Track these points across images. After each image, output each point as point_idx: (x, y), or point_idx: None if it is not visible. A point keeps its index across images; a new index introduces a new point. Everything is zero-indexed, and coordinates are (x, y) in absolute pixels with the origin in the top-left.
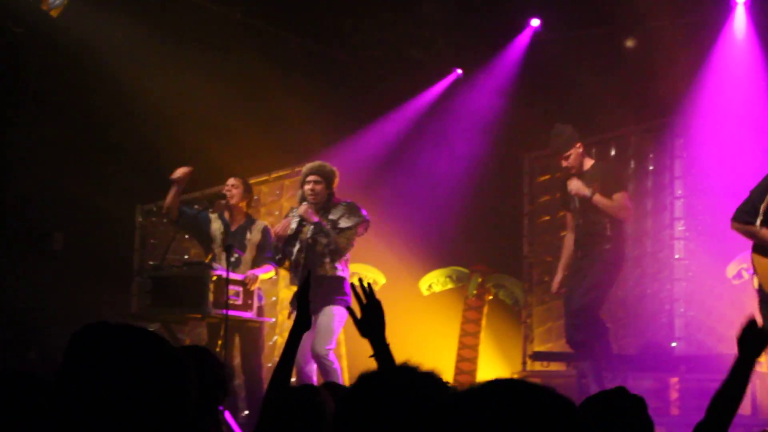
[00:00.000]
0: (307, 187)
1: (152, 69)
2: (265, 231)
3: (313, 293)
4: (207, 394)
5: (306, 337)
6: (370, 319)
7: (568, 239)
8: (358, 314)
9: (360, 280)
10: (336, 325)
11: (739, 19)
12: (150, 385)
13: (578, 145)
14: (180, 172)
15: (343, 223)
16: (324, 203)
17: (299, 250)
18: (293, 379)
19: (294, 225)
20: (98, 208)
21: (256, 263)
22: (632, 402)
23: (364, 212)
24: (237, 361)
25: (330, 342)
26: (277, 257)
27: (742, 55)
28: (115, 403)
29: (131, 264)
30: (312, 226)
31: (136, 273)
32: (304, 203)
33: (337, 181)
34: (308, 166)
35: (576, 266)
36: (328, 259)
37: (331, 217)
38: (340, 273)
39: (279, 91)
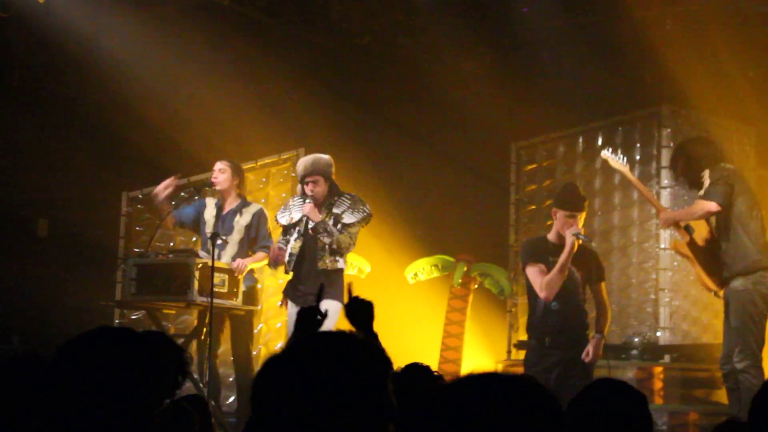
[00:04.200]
0: (307, 188)
1: (139, 56)
2: (258, 214)
3: (309, 285)
4: (165, 378)
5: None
6: (357, 310)
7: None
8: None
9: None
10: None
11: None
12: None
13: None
14: (162, 187)
15: (347, 219)
16: (327, 197)
17: (296, 239)
18: None
19: (296, 216)
20: (83, 194)
21: (243, 246)
22: (633, 396)
23: (367, 207)
24: (223, 348)
25: None
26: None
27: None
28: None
29: (116, 251)
30: (314, 224)
31: (121, 260)
32: (309, 203)
33: (334, 169)
34: (302, 165)
35: (555, 361)
36: (327, 253)
37: (335, 210)
38: (339, 266)
39: (266, 79)
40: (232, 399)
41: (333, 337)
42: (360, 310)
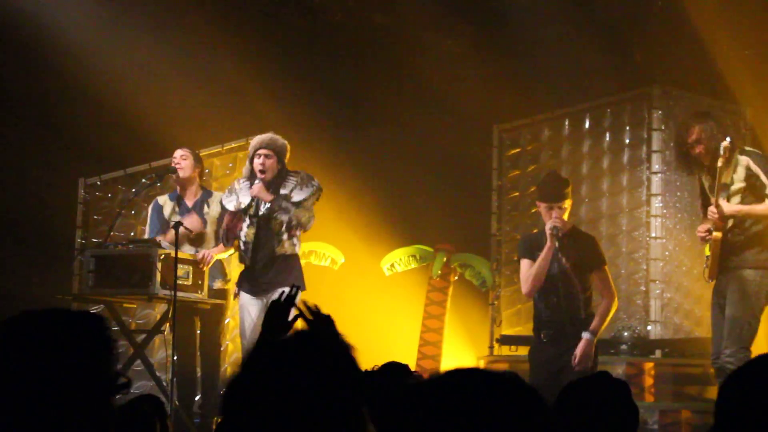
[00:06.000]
0: (257, 161)
1: (97, 37)
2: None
3: (267, 273)
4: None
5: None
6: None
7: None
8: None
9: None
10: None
11: None
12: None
13: (571, 201)
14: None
15: (297, 196)
16: (275, 179)
17: (249, 226)
18: None
19: (244, 200)
20: (37, 181)
21: (218, 237)
22: (616, 387)
23: (316, 181)
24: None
25: None
26: (227, 240)
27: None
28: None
29: (73, 241)
30: (268, 204)
31: (77, 251)
32: (258, 183)
33: (288, 155)
34: (258, 139)
35: (549, 357)
36: (285, 236)
37: (282, 191)
38: (296, 250)
39: (233, 58)
40: (198, 397)
41: (302, 343)
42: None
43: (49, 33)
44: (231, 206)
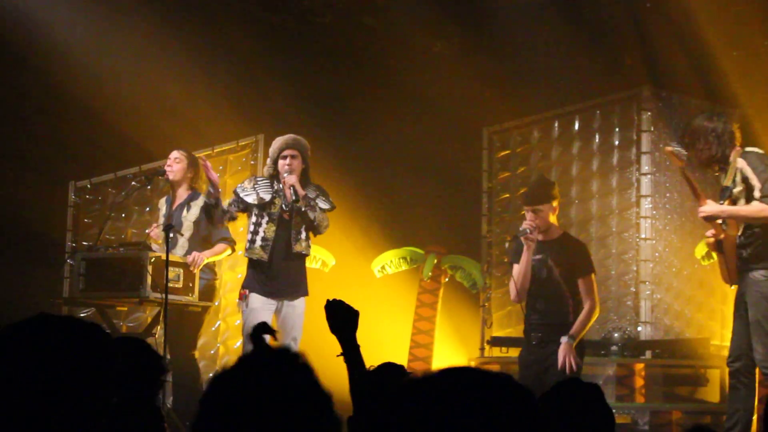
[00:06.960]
0: (284, 162)
1: (88, 40)
2: (208, 206)
3: (285, 271)
4: (142, 386)
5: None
6: (341, 318)
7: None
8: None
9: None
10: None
11: None
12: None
13: (555, 205)
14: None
15: (322, 204)
16: (301, 178)
17: (269, 223)
18: None
19: (266, 197)
20: (28, 184)
21: (195, 242)
22: (589, 391)
23: (331, 200)
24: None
25: (298, 341)
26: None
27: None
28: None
29: (63, 245)
30: (295, 200)
31: (68, 254)
32: (291, 175)
33: (310, 153)
34: (281, 140)
35: (537, 359)
36: (303, 236)
37: (308, 194)
38: (310, 251)
39: (223, 61)
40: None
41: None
42: (345, 316)
43: (39, 35)
44: (250, 199)
